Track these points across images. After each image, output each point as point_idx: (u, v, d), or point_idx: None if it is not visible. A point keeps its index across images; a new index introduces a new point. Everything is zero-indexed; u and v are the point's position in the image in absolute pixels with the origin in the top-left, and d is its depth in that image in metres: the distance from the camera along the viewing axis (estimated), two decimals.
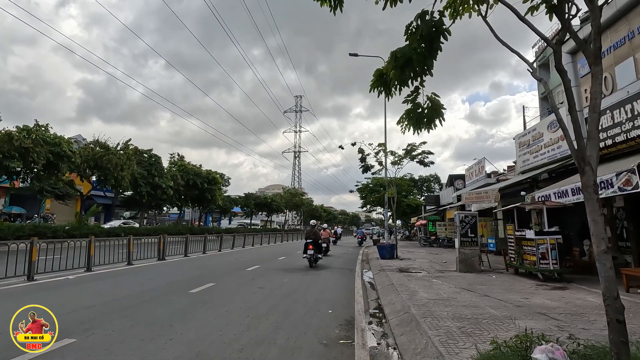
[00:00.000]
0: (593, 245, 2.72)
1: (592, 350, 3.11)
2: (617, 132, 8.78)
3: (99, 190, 27.60)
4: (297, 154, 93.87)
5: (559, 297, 6.58)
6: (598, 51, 2.80)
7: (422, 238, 28.43)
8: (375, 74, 3.68)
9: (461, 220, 10.83)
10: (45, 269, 8.39)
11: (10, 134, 17.08)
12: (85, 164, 21.71)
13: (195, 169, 33.03)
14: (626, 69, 9.70)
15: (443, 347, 3.68)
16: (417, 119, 3.68)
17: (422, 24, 3.32)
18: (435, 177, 58.51)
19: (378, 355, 3.98)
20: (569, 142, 2.89)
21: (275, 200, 52.29)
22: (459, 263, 10.43)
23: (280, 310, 5.79)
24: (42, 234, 15.76)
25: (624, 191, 6.73)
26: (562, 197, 8.69)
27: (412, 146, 16.83)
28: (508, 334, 3.95)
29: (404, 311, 5.42)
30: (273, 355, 3.78)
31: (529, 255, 9.07)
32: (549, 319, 4.91)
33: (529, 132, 14.73)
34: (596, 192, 2.73)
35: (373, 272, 11.15)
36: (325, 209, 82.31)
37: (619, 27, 10.05)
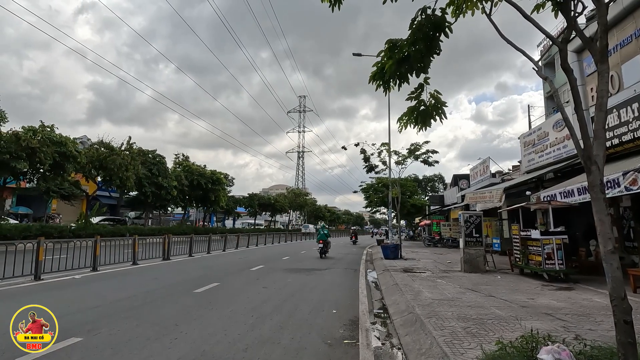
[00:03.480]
0: (600, 246, 2.70)
1: (598, 351, 3.08)
2: (623, 131, 8.69)
3: (104, 191, 27.80)
4: (301, 154, 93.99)
5: (565, 297, 6.53)
6: (604, 49, 2.77)
7: (426, 238, 28.33)
8: (375, 65, 3.67)
9: (466, 220, 10.78)
10: (51, 269, 8.47)
11: (17, 135, 17.24)
12: (90, 164, 21.88)
13: (199, 169, 33.17)
14: (633, 67, 9.60)
15: (448, 347, 3.67)
16: (422, 116, 3.67)
17: (425, 19, 3.31)
18: (439, 177, 58.23)
19: (382, 355, 3.97)
20: (575, 141, 2.87)
21: (279, 201, 52.34)
22: (463, 263, 10.38)
23: (285, 310, 5.79)
24: (48, 233, 15.92)
25: (631, 191, 6.67)
26: (568, 197, 8.61)
27: (416, 146, 16.76)
28: (514, 334, 3.93)
29: (409, 311, 5.40)
30: (277, 355, 3.79)
31: (535, 256, 9.01)
32: (554, 319, 4.87)
33: (534, 132, 14.62)
34: (603, 191, 2.71)
35: (377, 272, 11.13)
36: (329, 209, 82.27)
37: (626, 25, 9.96)
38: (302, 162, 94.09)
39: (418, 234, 40.46)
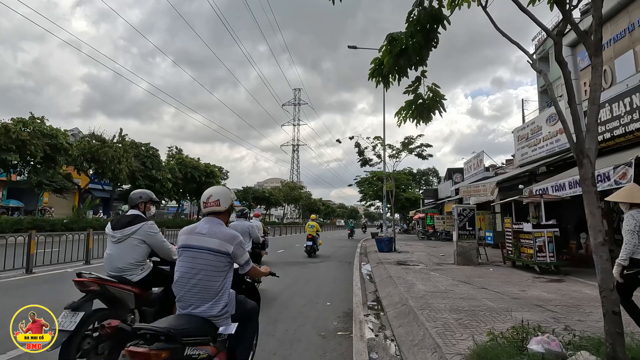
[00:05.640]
0: (590, 238, 2.74)
1: (587, 341, 3.14)
2: (615, 125, 8.77)
3: (97, 184, 27.51)
4: (296, 148, 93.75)
5: (556, 289, 6.63)
6: (599, 42, 2.78)
7: (420, 231, 28.56)
8: (374, 61, 3.65)
9: (459, 213, 10.86)
10: (43, 262, 8.40)
11: (7, 127, 16.94)
12: (82, 157, 21.60)
13: (193, 162, 32.95)
14: (626, 61, 9.66)
15: (440, 338, 3.71)
16: (419, 110, 3.66)
17: (421, 11, 3.29)
18: (433, 170, 58.49)
19: (376, 346, 4.00)
20: (568, 134, 2.89)
21: (273, 194, 52.31)
22: (456, 256, 10.48)
23: (279, 303, 5.81)
24: (40, 227, 15.75)
25: (620, 184, 6.75)
26: (560, 191, 8.70)
27: (410, 139, 16.73)
28: (505, 325, 3.99)
29: (402, 303, 5.45)
30: (271, 346, 3.80)
31: (526, 248, 9.12)
32: (545, 310, 4.95)
33: (527, 126, 14.71)
34: (594, 184, 2.74)
35: (371, 265, 11.20)
36: (324, 203, 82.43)
37: (619, 19, 9.99)
38: (297, 156, 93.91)
39: (412, 227, 40.75)
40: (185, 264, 2.30)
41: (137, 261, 3.20)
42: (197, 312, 2.23)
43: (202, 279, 2.25)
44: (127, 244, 3.18)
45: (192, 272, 2.26)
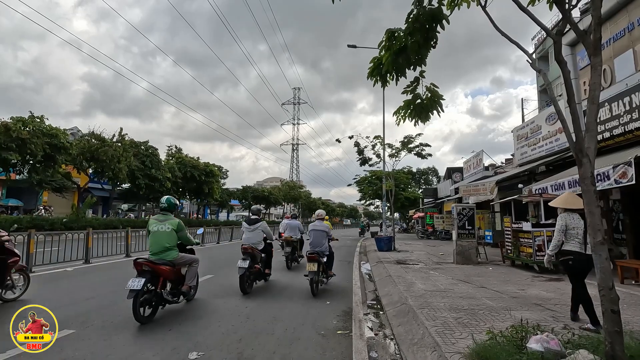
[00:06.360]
0: (589, 237, 2.74)
1: (586, 340, 3.15)
2: (615, 125, 8.78)
3: (96, 183, 27.49)
4: (296, 147, 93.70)
5: (555, 288, 6.64)
6: (598, 42, 2.78)
7: (420, 230, 28.58)
8: (373, 60, 3.65)
9: (459, 212, 10.87)
10: (43, 261, 8.39)
11: (7, 125, 16.91)
12: (81, 156, 21.57)
13: (192, 161, 32.94)
14: (625, 61, 9.66)
15: (440, 337, 3.72)
16: (417, 110, 3.66)
17: (420, 10, 3.29)
18: (433, 169, 58.49)
19: (375, 345, 4.01)
20: (568, 133, 2.89)
21: (273, 193, 52.30)
22: (456, 255, 10.49)
23: (278, 301, 5.82)
24: (39, 226, 15.73)
25: (620, 184, 6.76)
26: (559, 190, 8.71)
27: (409, 138, 16.73)
28: (504, 324, 4.00)
29: (401, 302, 5.46)
30: (271, 345, 3.81)
31: (526, 248, 9.14)
32: (544, 309, 4.96)
33: (527, 125, 14.71)
34: (593, 183, 2.74)
35: (371, 264, 11.21)
36: (324, 202, 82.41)
37: (619, 18, 9.99)
38: (296, 155, 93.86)
39: (412, 226, 40.78)
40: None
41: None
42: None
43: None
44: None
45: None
